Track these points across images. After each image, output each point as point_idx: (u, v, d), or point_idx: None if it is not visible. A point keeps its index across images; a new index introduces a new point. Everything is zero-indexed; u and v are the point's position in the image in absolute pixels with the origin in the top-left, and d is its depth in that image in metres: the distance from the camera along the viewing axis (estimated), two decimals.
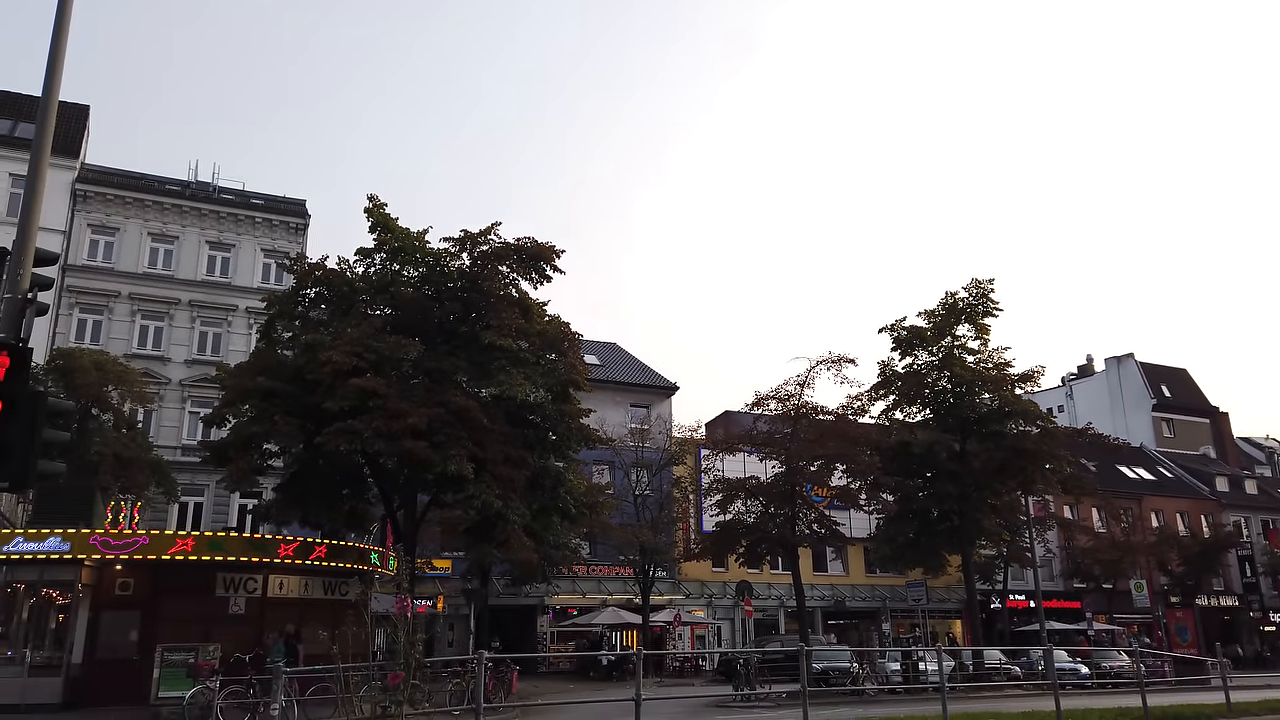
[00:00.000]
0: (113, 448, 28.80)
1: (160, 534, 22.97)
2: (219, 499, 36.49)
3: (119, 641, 22.37)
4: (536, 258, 24.21)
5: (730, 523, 29.99)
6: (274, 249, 39.61)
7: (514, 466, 23.24)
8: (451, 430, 21.99)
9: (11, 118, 36.75)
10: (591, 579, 43.04)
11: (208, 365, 37.42)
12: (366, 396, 21.55)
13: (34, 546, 20.99)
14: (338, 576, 25.89)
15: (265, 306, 24.57)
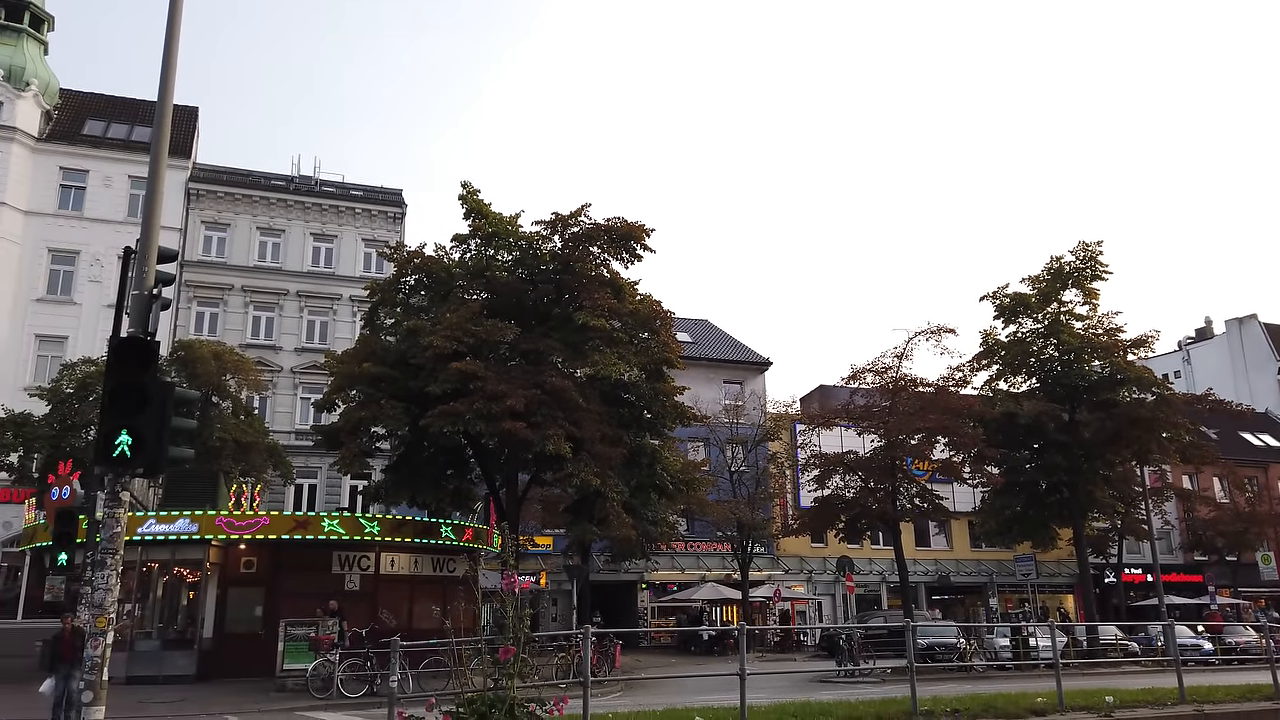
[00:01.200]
0: (232, 434, 30.26)
1: (279, 515, 24.16)
2: (331, 481, 38.03)
3: (245, 617, 23.67)
4: (627, 237, 24.30)
5: (829, 498, 29.67)
6: (373, 238, 40.80)
7: (611, 445, 23.48)
8: (549, 410, 22.34)
9: (128, 122, 38.77)
10: (690, 555, 43.27)
11: (316, 353, 38.95)
12: (467, 379, 22.06)
13: (165, 528, 22.34)
14: (445, 554, 26.75)
15: (368, 294, 25.41)
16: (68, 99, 39.16)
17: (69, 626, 15.34)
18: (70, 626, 15.32)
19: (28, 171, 35.99)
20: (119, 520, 9.11)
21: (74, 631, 14.83)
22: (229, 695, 19.64)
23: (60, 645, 14.86)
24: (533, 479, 26.17)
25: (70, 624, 15.47)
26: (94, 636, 8.86)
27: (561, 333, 24.40)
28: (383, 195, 42.48)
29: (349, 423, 22.16)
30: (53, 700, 14.32)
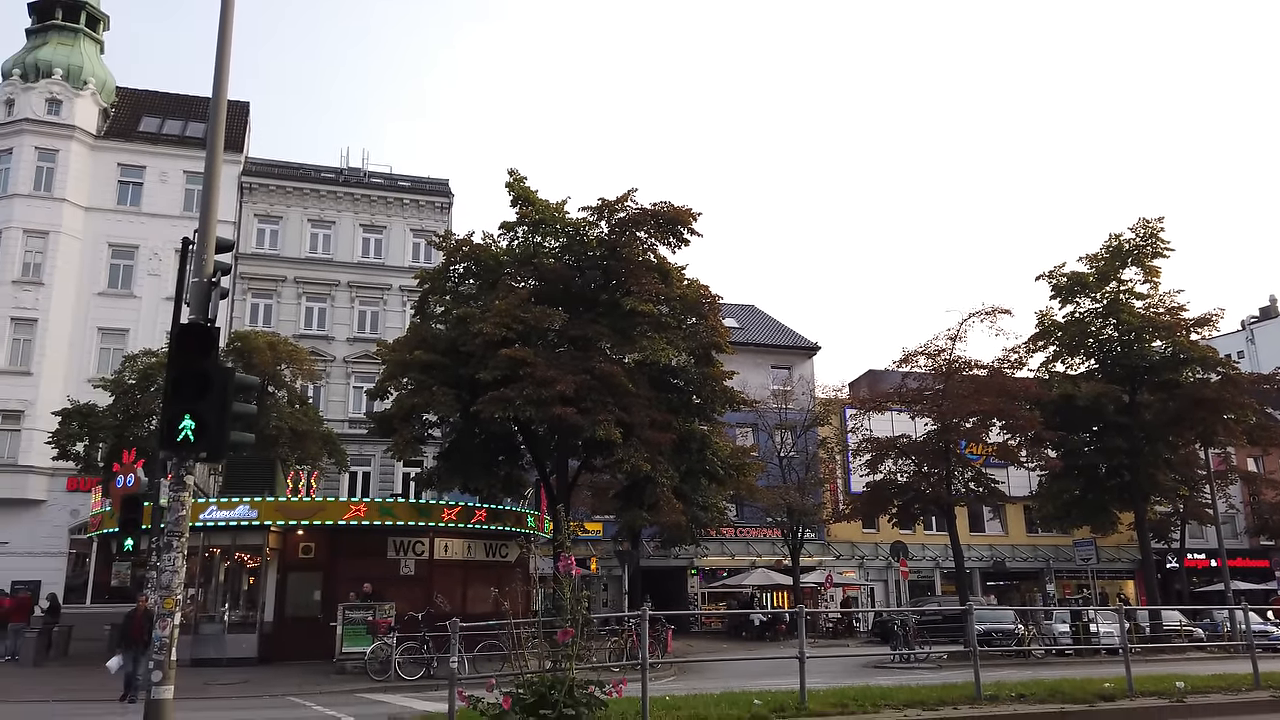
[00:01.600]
0: (288, 422, 30.80)
1: (335, 501, 24.54)
2: (385, 468, 38.56)
3: (304, 601, 24.13)
4: (673, 222, 24.16)
5: (881, 483, 29.29)
6: (422, 228, 41.19)
7: (660, 430, 23.42)
8: (598, 396, 22.34)
9: (181, 118, 39.53)
10: (739, 541, 43.13)
11: (368, 342, 39.45)
12: (516, 365, 22.14)
13: (226, 515, 22.83)
14: (497, 539, 26.96)
15: (418, 283, 25.63)
16: (124, 97, 40.05)
17: (142, 607, 15.72)
18: (143, 607, 15.71)
19: (87, 168, 36.90)
20: (183, 504, 9.27)
21: (145, 613, 15.22)
22: (290, 677, 20.03)
23: (131, 625, 15.27)
24: (583, 465, 26.24)
25: (144, 604, 15.86)
26: (161, 618, 9.04)
27: (609, 318, 24.36)
28: (429, 186, 42.82)
29: (401, 409, 22.40)
30: (122, 678, 14.74)
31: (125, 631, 15.40)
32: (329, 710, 14.22)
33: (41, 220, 35.56)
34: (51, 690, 18.09)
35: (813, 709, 9.53)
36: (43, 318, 34.95)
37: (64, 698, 16.88)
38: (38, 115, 36.15)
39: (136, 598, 16.81)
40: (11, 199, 35.42)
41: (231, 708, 15.35)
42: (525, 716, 8.51)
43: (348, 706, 14.85)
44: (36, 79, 36.49)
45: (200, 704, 15.14)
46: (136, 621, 15.27)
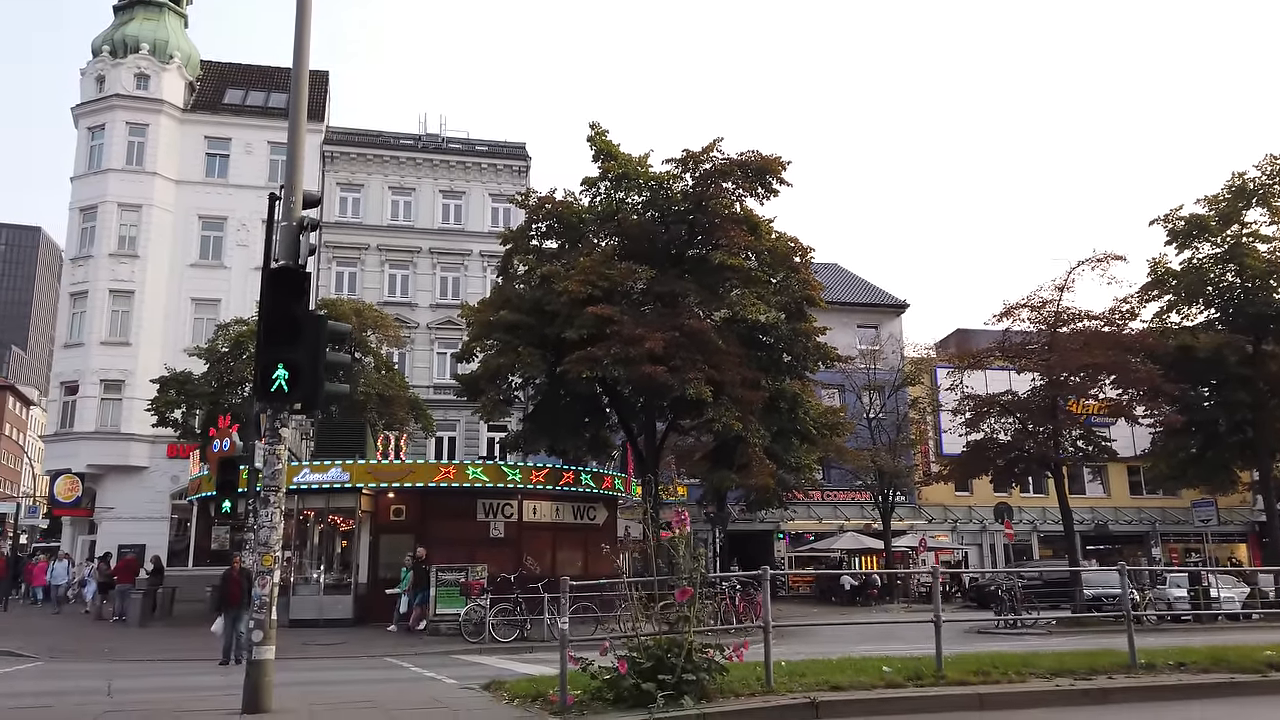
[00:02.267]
0: (375, 387, 30.95)
1: (425, 463, 24.40)
2: (470, 432, 38.61)
3: (397, 563, 24.08)
4: (762, 172, 23.05)
5: (981, 442, 27.83)
6: (500, 193, 40.78)
7: (750, 389, 22.56)
8: (687, 354, 21.56)
9: (264, 89, 39.78)
10: (827, 504, 42.06)
11: (450, 308, 39.39)
12: (603, 324, 21.49)
13: (319, 477, 22.86)
14: (585, 502, 26.56)
15: (501, 242, 25.09)
16: (208, 70, 40.46)
17: (236, 568, 15.66)
18: (238, 568, 15.64)
19: (176, 142, 37.42)
20: (279, 458, 8.85)
21: (241, 573, 15.13)
22: (385, 639, 19.99)
23: (229, 586, 15.19)
24: (670, 425, 25.55)
25: (238, 565, 15.81)
26: (261, 575, 8.66)
27: (696, 274, 23.51)
28: (507, 149, 42.34)
29: (488, 370, 21.98)
30: (222, 642, 14.67)
31: (224, 593, 15.35)
32: (427, 672, 13.91)
33: (134, 194, 36.24)
34: (156, 650, 18.34)
35: (950, 677, 8.65)
36: (139, 290, 35.72)
37: (167, 657, 17.05)
38: (127, 90, 36.74)
39: (232, 560, 16.70)
40: (105, 174, 36.16)
41: (331, 668, 15.22)
42: (641, 681, 7.88)
43: (445, 668, 14.55)
44: (125, 55, 37.05)
45: (300, 664, 15.04)
46: (233, 583, 15.25)
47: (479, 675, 13.19)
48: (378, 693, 10.62)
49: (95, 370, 34.93)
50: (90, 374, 34.91)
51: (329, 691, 10.96)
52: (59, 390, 35.88)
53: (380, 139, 41.52)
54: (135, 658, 17.14)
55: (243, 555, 16.79)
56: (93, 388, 34.90)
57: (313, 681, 12.40)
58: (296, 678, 12.16)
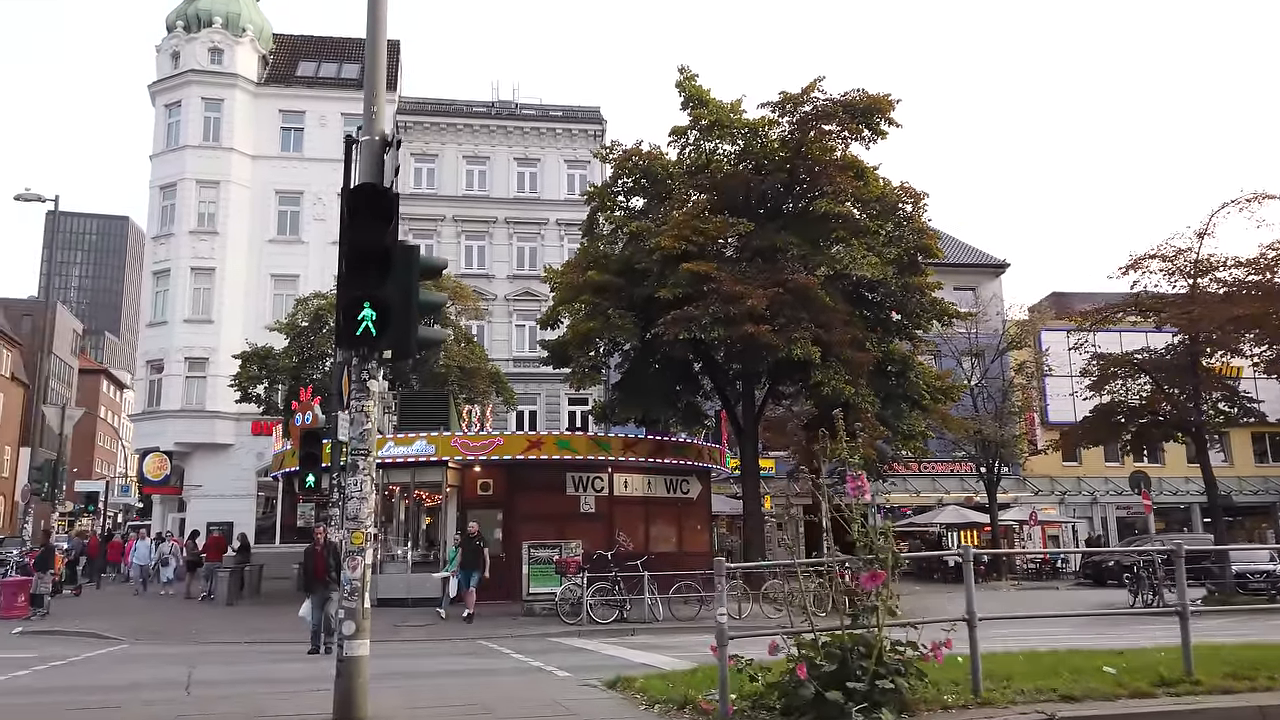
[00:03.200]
0: (456, 360, 29.91)
1: (513, 435, 23.07)
2: (550, 405, 37.38)
3: (485, 539, 22.88)
4: (869, 112, 20.89)
5: (1107, 406, 25.32)
6: (575, 159, 39.32)
7: (860, 349, 20.57)
8: (791, 312, 19.69)
9: (336, 61, 38.84)
10: (924, 477, 39.69)
11: (527, 279, 38.11)
12: (700, 281, 19.74)
13: (404, 450, 21.69)
14: (678, 474, 24.97)
15: (585, 200, 23.45)
16: (280, 43, 39.69)
17: (321, 539, 14.17)
18: (323, 539, 14.18)
19: (251, 116, 36.73)
20: (368, 416, 7.36)
21: (326, 548, 13.73)
22: (478, 620, 18.73)
23: (313, 562, 13.79)
24: (769, 393, 23.70)
25: (323, 536, 14.31)
26: (351, 555, 7.19)
27: (796, 227, 21.54)
28: (582, 114, 40.69)
29: (577, 334, 20.43)
30: (311, 626, 13.35)
31: (308, 570, 14.04)
32: (531, 660, 12.46)
33: (212, 170, 35.69)
34: (243, 631, 17.40)
35: (1206, 682, 6.75)
36: (219, 266, 35.23)
37: (255, 638, 16.04)
38: (202, 65, 36.13)
39: (313, 531, 15.05)
40: (183, 151, 35.67)
41: (424, 652, 13.93)
42: (825, 689, 6.19)
43: (549, 655, 13.10)
44: (198, 29, 36.42)
45: (392, 649, 13.80)
46: (317, 559, 13.87)
47: (590, 665, 11.70)
48: (485, 690, 9.15)
49: (179, 348, 34.61)
50: (175, 352, 34.61)
51: (428, 689, 9.55)
52: (145, 369, 35.72)
53: (453, 107, 40.27)
54: (221, 639, 16.20)
55: (327, 526, 15.51)
56: (177, 365, 34.59)
57: (407, 672, 11.05)
58: (389, 666, 10.84)
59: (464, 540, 19.41)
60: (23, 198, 24.06)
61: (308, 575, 14.13)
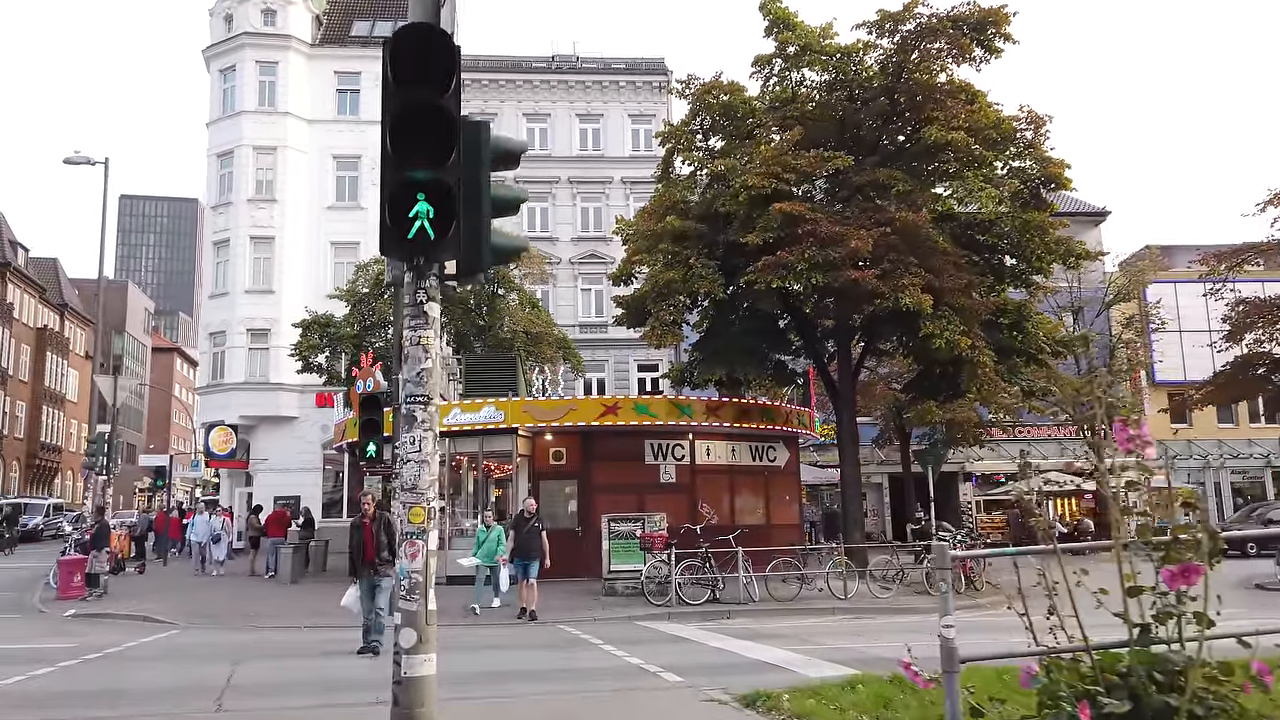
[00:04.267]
0: (521, 324, 28.18)
1: (588, 399, 21.16)
2: (619, 372, 35.52)
3: (559, 512, 21.09)
4: (982, 26, 18.17)
5: (1245, 359, 22.36)
6: (640, 113, 37.06)
7: (973, 296, 18.10)
8: (898, 255, 17.28)
9: (391, 18, 37.03)
10: (1017, 441, 36.73)
11: (593, 241, 36.14)
12: (792, 223, 17.44)
13: (471, 417, 19.94)
14: (764, 441, 22.81)
15: (660, 141, 21.18)
16: (333, 2, 38.04)
17: (370, 511, 11.10)
18: (372, 512, 11.09)
19: (306, 79, 35.19)
20: (427, 351, 5.35)
21: (376, 522, 10.85)
22: (555, 600, 16.88)
23: (360, 540, 10.92)
24: (866, 348, 21.31)
25: (371, 508, 11.22)
26: (410, 538, 5.22)
27: (898, 162, 19.06)
28: (645, 65, 38.32)
29: (657, 286, 18.28)
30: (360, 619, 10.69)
31: (356, 547, 11.01)
32: (626, 655, 10.48)
33: (268, 136, 34.28)
34: (303, 613, 15.85)
35: None
36: (279, 235, 33.91)
37: (314, 622, 14.44)
38: (255, 28, 34.64)
39: (360, 502, 11.61)
40: (239, 116, 34.32)
41: (501, 643, 12.09)
42: None
43: (645, 648, 11.13)
44: None
45: (464, 640, 12.01)
46: (365, 535, 10.81)
47: (700, 664, 9.70)
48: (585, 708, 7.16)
49: (241, 319, 33.46)
50: (236, 323, 33.48)
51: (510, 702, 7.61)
52: (208, 341, 34.73)
53: (511, 63, 38.23)
54: (278, 623, 14.66)
55: (374, 492, 13.33)
56: (240, 337, 33.47)
57: (482, 673, 9.18)
58: (460, 666, 8.98)
59: (517, 521, 15.18)
60: (71, 161, 22.80)
61: (355, 554, 11.07)
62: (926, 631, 11.31)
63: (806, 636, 12.30)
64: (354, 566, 10.80)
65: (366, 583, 10.56)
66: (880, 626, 13.58)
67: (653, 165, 22.37)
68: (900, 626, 13.39)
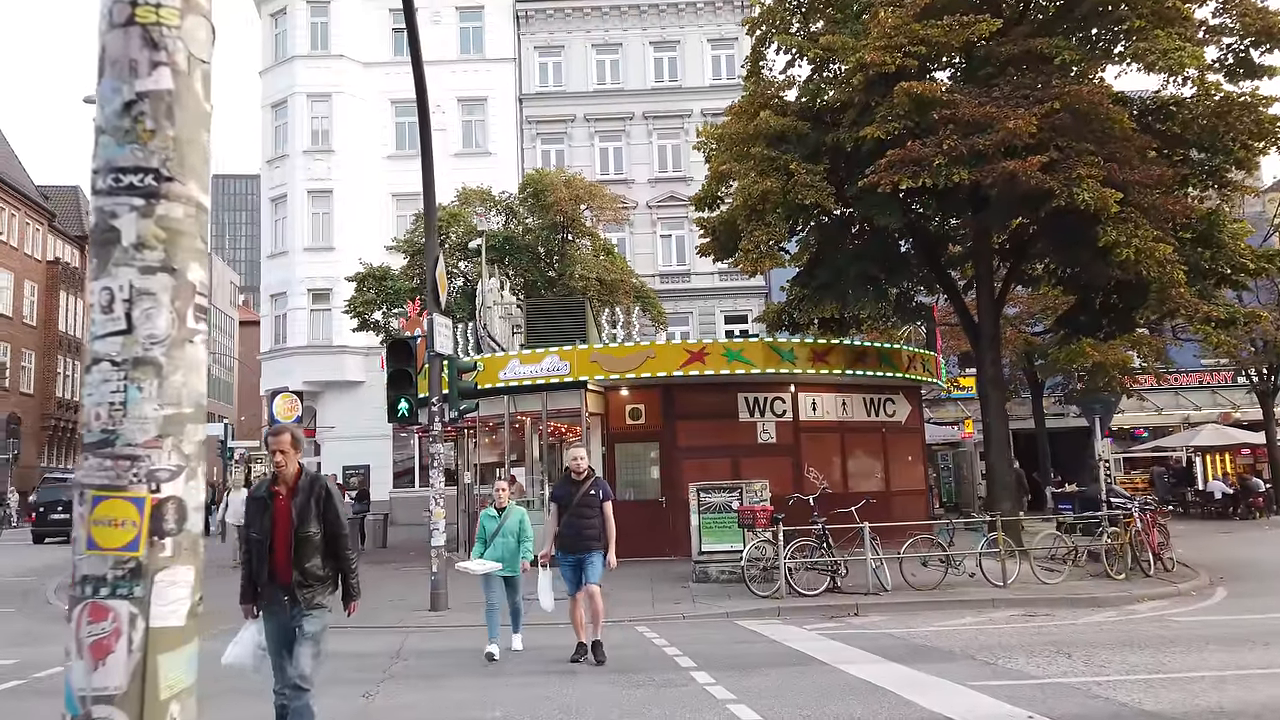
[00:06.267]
0: (594, 271, 24.80)
1: (668, 344, 17.52)
2: (705, 324, 31.87)
3: (638, 480, 17.59)
4: None
5: None
6: (720, 36, 32.85)
7: (1167, 194, 13.67)
8: (1069, 141, 12.98)
9: None
10: (1164, 391, 31.60)
11: (670, 182, 32.32)
12: (924, 109, 13.33)
13: (531, 369, 16.51)
14: (881, 392, 18.76)
15: (747, 30, 17.04)
16: None
17: (285, 466, 5.16)
18: (289, 467, 5.15)
19: (358, 18, 32.17)
20: None
21: (301, 489, 5.07)
22: (634, 587, 13.41)
23: (269, 525, 5.13)
24: (1011, 274, 16.96)
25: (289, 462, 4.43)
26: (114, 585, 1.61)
27: (1057, 28, 14.60)
28: None
29: (749, 199, 14.36)
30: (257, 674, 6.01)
31: (253, 555, 5.25)
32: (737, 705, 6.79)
33: (322, 82, 31.50)
34: (335, 604, 12.75)
35: None
36: (337, 187, 31.19)
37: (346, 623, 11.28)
38: None
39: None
40: (291, 62, 31.59)
41: (553, 665, 8.61)
42: None
43: (757, 676, 7.49)
44: None
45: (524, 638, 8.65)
46: (277, 522, 5.05)
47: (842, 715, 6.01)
48: None
49: (301, 279, 30.96)
50: (296, 284, 31.00)
51: None
52: (269, 304, 32.40)
53: None
54: None
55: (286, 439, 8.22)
56: (300, 299, 31.00)
57: None
58: (512, 694, 5.51)
59: (559, 489, 8.62)
60: (91, 100, 20.10)
61: (251, 563, 5.22)
62: (1153, 644, 7.18)
63: (983, 650, 8.45)
64: (249, 584, 5.13)
65: (275, 619, 5.07)
66: (1079, 632, 9.61)
67: (736, 95, 18.36)
68: (1107, 633, 9.40)
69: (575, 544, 8.29)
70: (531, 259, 25.05)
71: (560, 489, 8.56)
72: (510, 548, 8.77)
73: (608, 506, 8.38)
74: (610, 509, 8.41)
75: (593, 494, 8.32)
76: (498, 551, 8.74)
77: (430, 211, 12.85)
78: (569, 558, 8.37)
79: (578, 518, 8.26)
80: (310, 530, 4.94)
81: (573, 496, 8.29)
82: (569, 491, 8.36)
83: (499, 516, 8.93)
